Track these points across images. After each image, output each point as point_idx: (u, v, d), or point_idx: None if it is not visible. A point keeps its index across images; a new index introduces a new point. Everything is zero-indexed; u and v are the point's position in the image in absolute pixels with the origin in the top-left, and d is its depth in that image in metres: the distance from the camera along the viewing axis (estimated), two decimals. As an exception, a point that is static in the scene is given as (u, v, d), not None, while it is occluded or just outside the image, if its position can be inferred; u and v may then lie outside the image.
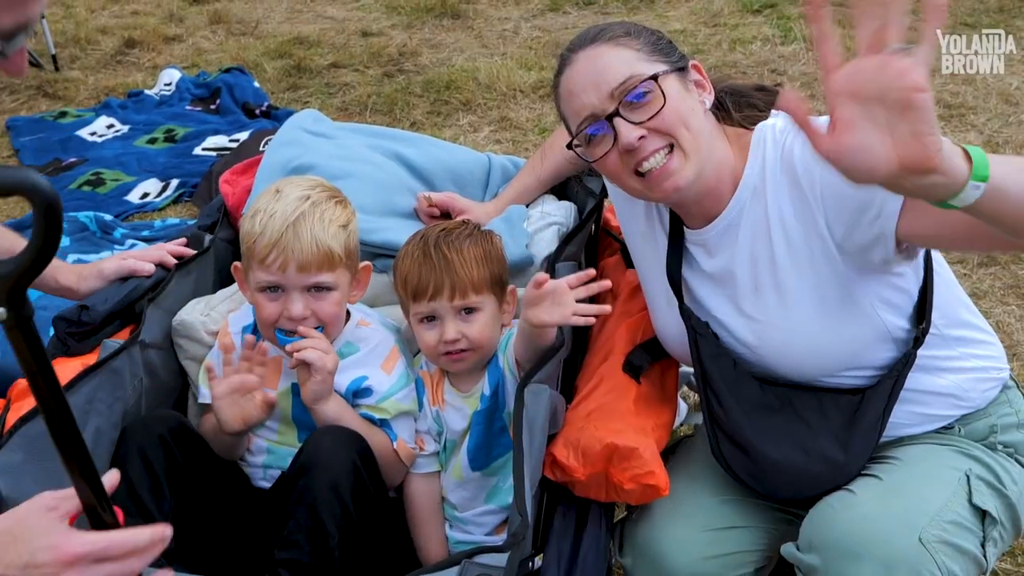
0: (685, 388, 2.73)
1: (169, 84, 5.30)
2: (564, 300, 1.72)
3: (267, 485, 1.95)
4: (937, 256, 1.74)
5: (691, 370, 2.39)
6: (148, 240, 3.85)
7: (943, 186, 1.17)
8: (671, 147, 1.65)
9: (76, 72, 5.66)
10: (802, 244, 1.67)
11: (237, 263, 1.96)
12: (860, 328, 1.68)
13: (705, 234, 1.78)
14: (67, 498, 1.28)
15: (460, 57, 5.65)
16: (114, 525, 1.26)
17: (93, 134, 4.85)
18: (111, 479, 1.33)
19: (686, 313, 1.82)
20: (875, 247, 1.58)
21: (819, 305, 1.68)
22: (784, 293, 1.71)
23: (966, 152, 1.19)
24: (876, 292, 1.67)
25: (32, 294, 1.16)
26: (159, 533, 1.28)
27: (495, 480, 1.97)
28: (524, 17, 6.30)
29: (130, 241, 3.86)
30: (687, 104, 1.68)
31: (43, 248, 1.02)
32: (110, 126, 4.93)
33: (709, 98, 1.75)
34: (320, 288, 1.86)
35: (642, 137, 1.63)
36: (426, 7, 6.45)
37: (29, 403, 1.68)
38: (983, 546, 1.66)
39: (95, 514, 1.24)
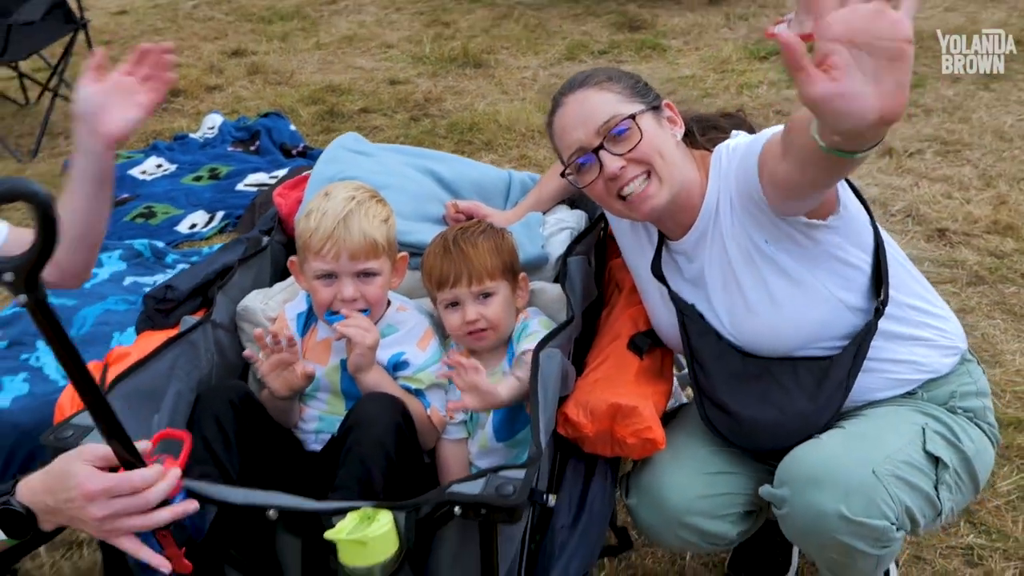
0: (689, 390, 3.01)
1: (212, 128, 5.68)
2: (477, 385, 1.98)
3: (319, 448, 2.21)
4: (887, 236, 2.04)
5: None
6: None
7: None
8: (648, 174, 1.96)
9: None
10: (743, 247, 1.97)
11: (293, 258, 2.27)
12: (818, 310, 1.96)
13: (684, 244, 2.09)
14: (102, 454, 1.59)
15: (482, 102, 6.01)
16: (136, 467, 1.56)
17: (143, 172, 5.22)
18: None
19: (674, 297, 2.11)
20: (783, 223, 1.89)
21: (771, 297, 1.97)
22: (743, 290, 2.00)
23: None
24: (828, 276, 1.94)
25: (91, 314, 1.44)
26: (163, 471, 1.58)
27: (516, 451, 2.22)
28: (542, 65, 6.67)
29: (180, 265, 4.21)
30: (660, 137, 1.99)
31: (45, 242, 1.30)
32: (159, 166, 5.30)
33: (679, 131, 2.06)
34: (367, 274, 2.16)
35: (623, 167, 1.95)
36: (450, 57, 6.83)
37: (124, 365, 1.99)
38: (936, 488, 1.92)
39: (127, 464, 1.56)
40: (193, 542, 1.73)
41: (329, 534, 1.58)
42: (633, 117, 1.95)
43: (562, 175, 2.07)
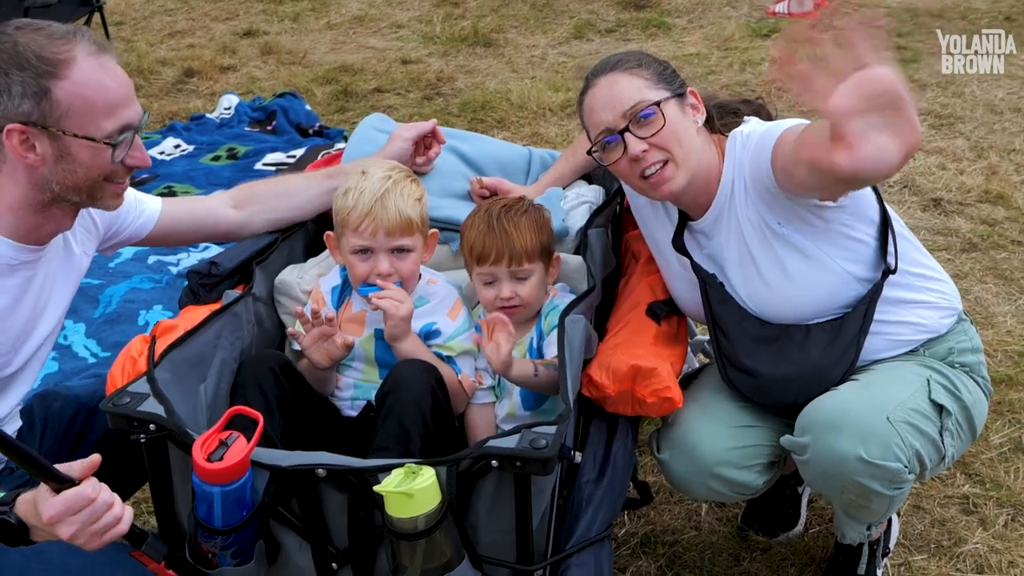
0: (701, 355, 3.14)
1: (228, 108, 5.79)
2: (500, 344, 2.13)
3: (354, 414, 2.33)
4: (889, 209, 2.17)
5: (705, 338, 2.82)
6: (219, 243, 4.31)
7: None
8: (667, 160, 2.09)
9: (141, 99, 6.03)
10: (758, 228, 2.11)
11: (329, 232, 2.39)
12: (828, 283, 2.10)
13: (703, 223, 2.22)
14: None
15: (493, 81, 6.12)
16: (71, 486, 1.65)
17: (162, 153, 5.34)
18: (92, 461, 1.70)
19: (696, 268, 2.24)
20: (795, 206, 2.04)
21: (785, 273, 2.11)
22: (758, 266, 2.14)
23: None
24: (836, 251, 2.09)
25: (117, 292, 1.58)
26: (99, 485, 1.69)
27: (543, 419, 2.35)
28: (551, 44, 6.78)
29: (202, 244, 4.32)
30: (682, 124, 2.11)
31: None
32: (177, 146, 5.42)
33: (701, 118, 2.18)
34: (402, 250, 2.28)
35: (645, 150, 2.08)
36: (460, 37, 6.94)
37: (171, 337, 2.11)
38: (941, 434, 2.07)
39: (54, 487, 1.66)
40: (174, 552, 1.85)
41: (378, 488, 1.70)
42: (658, 104, 2.08)
43: (589, 152, 2.19)
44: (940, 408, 2.08)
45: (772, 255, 2.11)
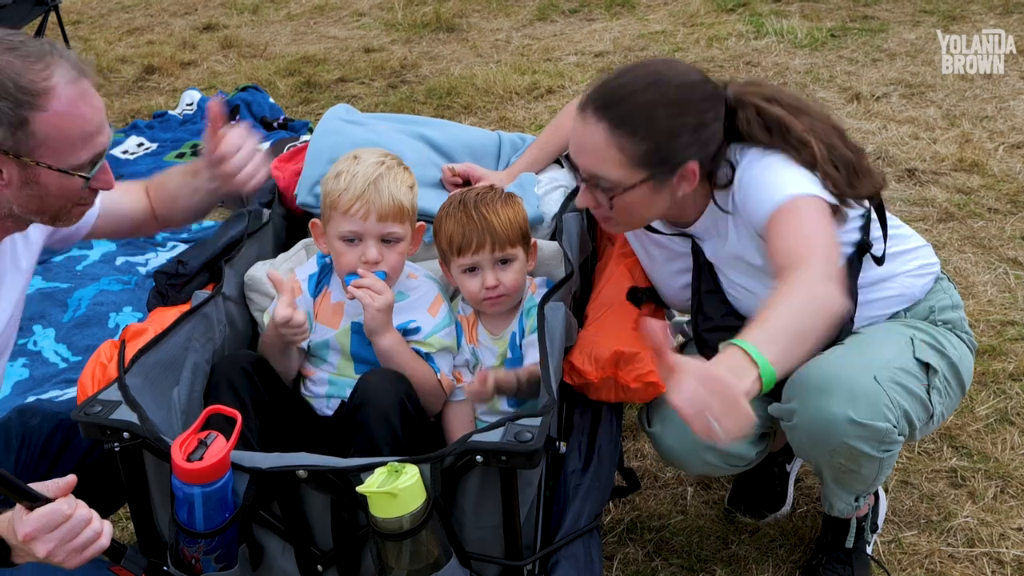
0: (680, 336, 3.11)
1: (191, 104, 5.68)
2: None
3: (330, 413, 2.28)
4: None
5: (684, 319, 2.79)
6: (187, 242, 4.24)
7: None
8: (610, 218, 2.10)
9: (102, 98, 6.04)
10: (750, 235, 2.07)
11: (315, 219, 2.32)
12: None
13: (694, 229, 2.19)
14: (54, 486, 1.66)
15: (458, 66, 6.05)
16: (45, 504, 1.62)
17: (125, 152, 5.23)
18: (68, 481, 1.67)
19: (696, 250, 2.20)
20: None
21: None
22: (746, 268, 2.12)
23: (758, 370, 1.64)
24: None
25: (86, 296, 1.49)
26: (76, 501, 1.65)
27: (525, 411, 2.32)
28: (514, 27, 6.71)
29: (171, 243, 4.26)
30: (639, 205, 2.06)
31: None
32: (140, 144, 5.31)
33: (687, 186, 2.05)
34: (391, 239, 2.22)
35: (595, 206, 2.08)
36: (422, 23, 6.86)
37: (141, 341, 2.05)
38: (928, 392, 2.06)
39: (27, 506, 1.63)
40: (154, 565, 1.81)
41: (361, 488, 1.66)
42: (619, 191, 2.02)
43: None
44: (926, 366, 2.07)
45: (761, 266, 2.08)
